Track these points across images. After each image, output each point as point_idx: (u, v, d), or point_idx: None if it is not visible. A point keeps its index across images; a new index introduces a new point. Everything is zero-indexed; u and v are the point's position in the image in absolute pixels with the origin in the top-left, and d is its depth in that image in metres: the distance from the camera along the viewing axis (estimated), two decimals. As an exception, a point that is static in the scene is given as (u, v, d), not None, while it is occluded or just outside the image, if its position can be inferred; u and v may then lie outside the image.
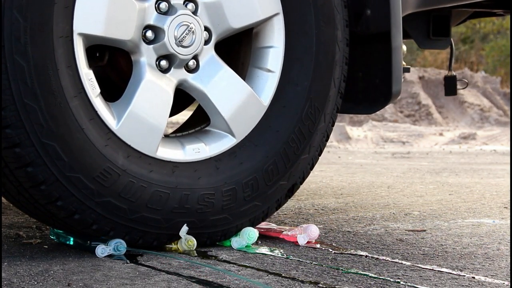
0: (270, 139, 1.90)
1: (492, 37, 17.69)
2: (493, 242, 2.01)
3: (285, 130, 1.90)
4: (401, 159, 6.22)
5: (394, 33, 2.00)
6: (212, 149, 1.86)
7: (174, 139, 1.88)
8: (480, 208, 2.74)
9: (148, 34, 1.76)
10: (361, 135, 9.83)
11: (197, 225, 1.81)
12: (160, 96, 1.79)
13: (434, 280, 1.54)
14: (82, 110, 1.67)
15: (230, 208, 1.84)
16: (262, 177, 1.88)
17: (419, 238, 2.07)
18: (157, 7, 1.77)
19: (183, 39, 1.78)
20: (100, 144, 1.69)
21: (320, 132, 1.95)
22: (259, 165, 1.88)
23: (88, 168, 1.67)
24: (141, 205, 1.74)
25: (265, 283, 1.49)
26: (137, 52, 1.77)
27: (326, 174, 4.35)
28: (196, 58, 1.84)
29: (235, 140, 1.88)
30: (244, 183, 1.86)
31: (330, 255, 1.80)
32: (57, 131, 1.63)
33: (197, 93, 1.87)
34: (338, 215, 2.50)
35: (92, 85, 1.70)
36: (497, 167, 5.13)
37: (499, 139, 9.58)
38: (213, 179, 1.83)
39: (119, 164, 1.71)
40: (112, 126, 1.72)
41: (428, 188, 3.47)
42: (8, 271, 1.57)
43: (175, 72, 1.81)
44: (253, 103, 1.90)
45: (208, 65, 1.86)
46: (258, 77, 1.93)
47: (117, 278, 1.52)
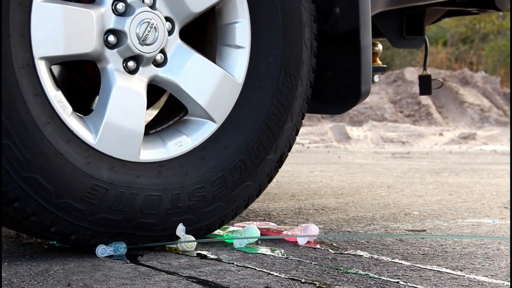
0: (251, 116, 1.87)
1: (492, 37, 17.68)
2: (493, 242, 2.01)
3: (264, 104, 1.88)
4: (401, 159, 6.22)
5: (363, 32, 1.97)
6: (194, 139, 1.84)
7: (154, 137, 1.85)
8: (480, 208, 2.73)
9: (110, 38, 1.72)
10: (361, 135, 9.83)
11: (193, 221, 1.81)
12: (133, 99, 1.75)
13: (434, 280, 1.54)
14: (58, 134, 1.64)
15: (222, 196, 1.84)
16: (249, 156, 1.86)
17: (419, 238, 2.06)
18: (114, 10, 1.72)
19: (146, 37, 1.74)
20: (82, 164, 1.67)
21: (299, 98, 1.92)
22: (244, 145, 1.86)
23: (74, 191, 1.66)
24: (136, 212, 1.74)
25: (265, 283, 1.49)
26: (103, 59, 1.73)
27: (326, 174, 4.35)
28: (163, 52, 1.80)
29: (216, 125, 1.86)
30: (232, 168, 1.84)
31: (330, 255, 1.80)
32: (37, 162, 1.60)
33: (170, 86, 1.84)
34: (338, 215, 2.50)
35: (63, 106, 1.67)
36: (497, 167, 5.12)
37: (499, 139, 9.58)
38: (200, 171, 1.82)
39: (105, 178, 1.69)
40: (90, 141, 1.69)
41: (428, 188, 3.46)
42: (8, 271, 1.57)
43: (144, 70, 1.78)
44: (228, 83, 1.86)
45: (176, 55, 1.82)
46: (229, 55, 1.89)
47: (117, 278, 1.52)
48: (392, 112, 11.81)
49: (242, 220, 2.37)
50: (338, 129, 10.00)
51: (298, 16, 1.89)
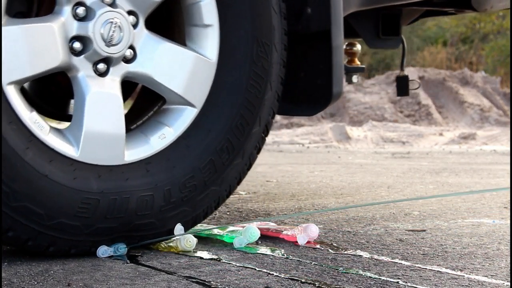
0: (230, 94, 1.84)
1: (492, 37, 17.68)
2: (493, 242, 2.01)
3: (241, 79, 1.84)
4: (401, 159, 6.22)
5: (335, 32, 1.94)
6: (176, 128, 1.81)
7: (136, 134, 1.81)
8: (480, 208, 2.73)
9: (76, 46, 1.68)
10: (361, 135, 9.83)
11: (189, 211, 1.81)
12: (109, 102, 1.72)
13: (434, 280, 1.54)
14: (39, 157, 1.61)
15: (213, 180, 1.83)
16: (234, 134, 1.84)
17: (419, 238, 2.07)
18: (75, 16, 1.67)
19: (112, 38, 1.70)
20: (69, 180, 1.65)
21: (275, 64, 1.89)
22: (228, 124, 1.83)
23: (66, 209, 1.64)
24: (131, 216, 1.73)
25: (265, 283, 1.49)
26: (72, 68, 1.69)
27: (326, 174, 4.35)
28: (132, 47, 1.75)
29: (196, 110, 1.82)
30: (219, 150, 1.82)
31: (330, 255, 1.80)
32: (23, 190, 1.59)
33: (143, 79, 1.80)
34: (338, 215, 2.50)
35: (40, 127, 1.63)
36: (497, 167, 5.12)
37: (499, 139, 9.58)
38: (187, 161, 1.80)
39: (94, 190, 1.68)
40: (73, 155, 1.67)
41: (428, 188, 3.46)
42: (8, 271, 1.57)
43: (115, 70, 1.74)
44: (202, 65, 1.82)
45: (145, 48, 1.78)
46: (198, 35, 1.84)
47: (117, 278, 1.52)
48: (392, 112, 11.81)
49: (242, 220, 2.37)
50: (338, 129, 10.00)
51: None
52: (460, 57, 17.41)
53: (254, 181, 3.84)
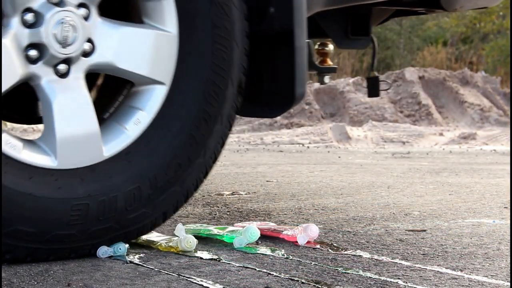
0: (197, 63, 1.79)
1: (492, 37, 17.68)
2: (493, 242, 2.01)
3: (205, 46, 1.78)
4: (401, 159, 6.22)
5: (297, 32, 1.89)
6: (149, 110, 1.76)
7: (111, 124, 1.76)
8: (480, 208, 2.73)
9: (32, 53, 1.62)
10: (361, 135, 9.83)
11: (178, 190, 1.79)
12: (77, 102, 1.67)
13: (434, 280, 1.54)
14: (18, 177, 1.59)
15: (197, 153, 1.79)
16: (209, 103, 1.79)
17: (419, 238, 2.06)
18: (24, 23, 1.61)
19: (66, 38, 1.64)
20: (53, 191, 1.62)
21: (237, 21, 1.82)
22: (200, 95, 1.78)
23: (58, 221, 1.63)
24: (123, 212, 1.72)
25: (265, 283, 1.48)
26: (33, 77, 1.64)
27: (326, 174, 4.35)
28: (89, 40, 1.69)
29: (165, 87, 1.77)
30: (197, 123, 1.78)
31: (330, 255, 1.80)
32: (10, 215, 1.57)
33: (107, 69, 1.74)
34: (338, 215, 2.50)
35: (12, 147, 1.60)
36: (497, 167, 5.13)
37: (499, 139, 9.58)
38: (167, 141, 1.76)
39: (81, 195, 1.65)
40: (52, 165, 1.64)
41: (428, 188, 3.46)
42: (8, 271, 1.57)
43: (76, 68, 1.68)
44: (163, 40, 1.76)
45: (103, 37, 1.71)
46: (153, 9, 1.77)
47: (117, 278, 1.52)
48: (392, 112, 11.81)
49: (242, 220, 2.37)
50: (338, 129, 10.00)
51: None
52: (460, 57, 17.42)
53: (254, 181, 3.84)
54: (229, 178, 3.99)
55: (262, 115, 2.12)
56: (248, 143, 9.29)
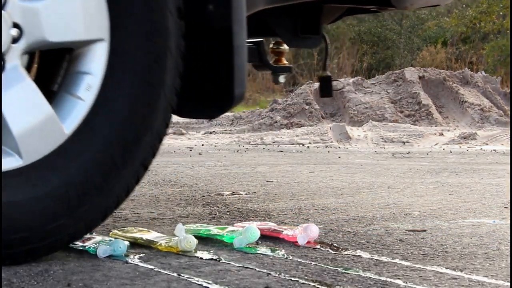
0: (131, 7, 1.66)
1: (492, 37, 17.69)
2: (493, 242, 2.01)
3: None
4: (401, 159, 6.22)
5: (236, 31, 1.83)
6: (97, 70, 1.65)
7: (62, 97, 1.66)
8: (480, 208, 2.73)
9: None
10: (361, 135, 9.83)
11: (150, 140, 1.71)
12: (23, 93, 1.58)
13: (434, 280, 1.54)
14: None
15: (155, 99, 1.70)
16: (153, 43, 1.68)
17: (419, 238, 2.06)
18: None
19: None
20: (30, 190, 1.58)
21: None
22: (145, 39, 1.67)
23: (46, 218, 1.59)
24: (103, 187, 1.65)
25: (265, 283, 1.48)
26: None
27: (326, 174, 4.35)
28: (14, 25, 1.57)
29: (105, 42, 1.65)
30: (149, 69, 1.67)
31: (330, 255, 1.80)
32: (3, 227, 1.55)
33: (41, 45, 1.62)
34: (338, 215, 2.50)
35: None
36: (497, 167, 5.13)
37: (499, 139, 9.58)
38: (125, 95, 1.66)
39: (57, 184, 1.60)
40: (19, 164, 1.58)
41: (428, 188, 3.46)
42: (8, 271, 1.57)
43: (11, 58, 1.58)
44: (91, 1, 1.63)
45: (26, 16, 1.58)
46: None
47: (117, 278, 1.52)
48: (392, 112, 11.81)
49: (242, 220, 2.37)
50: (338, 129, 10.01)
51: None
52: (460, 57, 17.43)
53: (254, 181, 3.84)
54: (229, 178, 3.99)
55: (202, 115, 2.08)
56: (248, 143, 9.30)
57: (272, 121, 11.35)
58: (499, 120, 11.69)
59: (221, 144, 9.15)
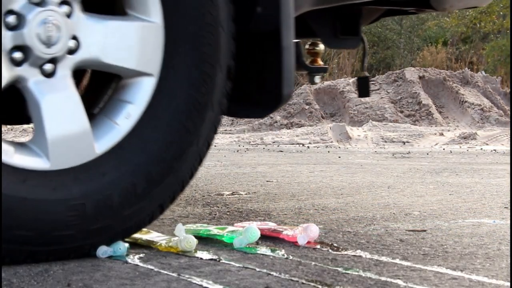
0: (184, 52, 1.75)
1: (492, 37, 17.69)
2: (493, 242, 2.01)
3: (192, 34, 1.76)
4: (401, 159, 6.22)
5: (284, 32, 1.87)
6: (139, 103, 1.73)
7: (101, 120, 1.73)
8: (480, 208, 2.73)
9: (17, 56, 1.60)
10: (361, 135, 9.83)
11: (174, 180, 1.77)
12: (65, 102, 1.65)
13: (434, 280, 1.54)
14: (12, 182, 1.57)
15: (190, 141, 1.76)
16: (199, 91, 1.76)
17: (419, 238, 2.06)
18: (7, 26, 1.58)
19: (50, 38, 1.61)
20: (48, 193, 1.61)
21: (223, 5, 1.79)
22: (191, 83, 1.75)
23: (55, 223, 1.62)
24: (119, 210, 1.70)
25: (265, 283, 1.48)
26: (19, 80, 1.62)
27: (326, 174, 4.35)
28: (74, 37, 1.66)
29: (154, 78, 1.74)
30: (187, 110, 1.75)
31: (330, 255, 1.80)
32: (7, 221, 1.56)
33: (93, 65, 1.72)
34: (338, 215, 2.50)
35: (4, 152, 1.58)
36: (498, 167, 5.12)
37: (499, 139, 9.58)
38: (159, 131, 1.73)
39: (76, 194, 1.64)
40: (45, 167, 1.62)
41: (428, 188, 3.46)
42: (8, 271, 1.57)
43: (62, 66, 1.65)
44: (148, 31, 1.73)
45: (87, 33, 1.67)
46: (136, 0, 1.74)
47: (117, 278, 1.52)
48: (392, 112, 11.81)
49: (242, 220, 2.37)
50: (338, 129, 10.00)
51: None
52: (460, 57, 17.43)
53: (254, 181, 3.84)
54: (229, 178, 3.99)
55: (249, 115, 2.11)
56: (248, 143, 9.30)
57: (272, 121, 11.35)
58: (499, 120, 11.69)
59: (221, 144, 9.16)
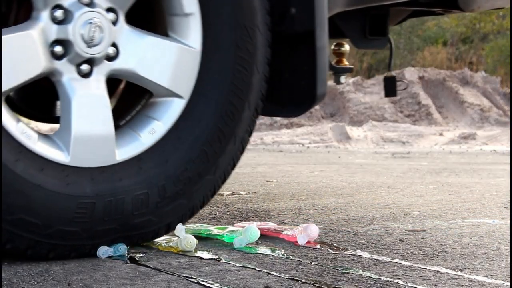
0: (216, 82, 1.81)
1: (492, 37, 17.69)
2: (493, 242, 2.01)
3: (226, 65, 1.82)
4: (401, 159, 6.22)
5: (319, 33, 1.92)
6: (166, 121, 1.79)
7: (126, 131, 1.79)
8: (480, 208, 2.73)
9: (57, 49, 1.65)
10: (361, 135, 9.83)
11: (185, 203, 1.80)
12: (96, 103, 1.70)
13: (434, 280, 1.54)
14: (30, 167, 1.60)
15: (207, 169, 1.81)
16: (224, 122, 1.82)
17: (419, 238, 2.07)
18: (53, 20, 1.64)
19: (93, 39, 1.67)
20: (62, 186, 1.63)
21: (261, 46, 1.86)
22: (217, 112, 1.81)
23: (63, 216, 1.63)
24: (128, 216, 1.72)
25: (265, 283, 1.49)
26: (55, 73, 1.67)
27: (326, 174, 4.35)
28: (114, 44, 1.73)
29: (184, 101, 1.80)
30: (210, 140, 1.80)
31: (330, 255, 1.80)
32: (17, 203, 1.58)
33: (128, 75, 1.78)
34: (338, 215, 2.50)
35: (28, 136, 1.61)
36: (497, 167, 5.13)
37: (499, 139, 9.58)
38: (180, 153, 1.78)
39: (88, 193, 1.66)
40: (64, 161, 1.65)
41: (428, 188, 3.46)
42: (8, 271, 1.57)
43: (99, 70, 1.71)
44: (186, 55, 1.79)
45: (128, 44, 1.74)
46: (179, 24, 1.80)
47: (117, 278, 1.52)
48: (392, 112, 11.81)
49: (242, 220, 2.37)
50: (338, 129, 10.00)
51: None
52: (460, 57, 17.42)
53: (254, 181, 3.84)
54: (229, 178, 3.99)
55: (284, 114, 2.14)
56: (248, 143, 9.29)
57: (272, 121, 11.36)
58: (499, 120, 11.69)
59: (221, 144, 9.13)
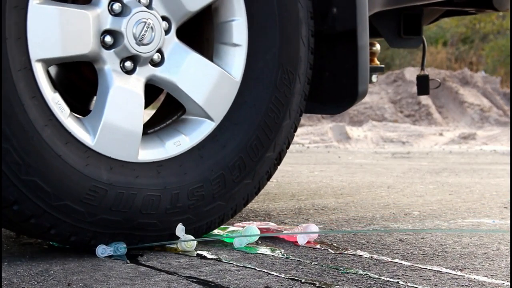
0: (249, 114, 1.87)
1: (492, 37, 17.68)
2: (493, 242, 2.01)
3: (262, 102, 1.88)
4: (401, 159, 6.22)
5: (360, 32, 1.97)
6: (192, 138, 1.84)
7: (152, 137, 1.85)
8: (480, 208, 2.73)
9: (107, 39, 1.71)
10: (361, 135, 9.83)
11: (193, 220, 1.81)
12: (131, 100, 1.75)
13: (434, 280, 1.54)
14: (56, 137, 1.64)
15: (221, 194, 1.84)
16: (248, 154, 1.87)
17: (419, 238, 2.07)
18: (110, 10, 1.72)
19: (143, 37, 1.74)
20: (81, 165, 1.67)
21: (297, 95, 1.92)
22: (243, 143, 1.86)
23: (74, 193, 1.65)
24: (135, 213, 1.74)
25: (265, 283, 1.49)
26: (100, 60, 1.72)
27: (326, 174, 4.35)
28: (160, 51, 1.80)
29: (214, 124, 1.86)
30: (230, 166, 1.85)
31: (330, 255, 1.80)
32: (35, 165, 1.60)
33: (167, 85, 1.84)
34: (338, 215, 2.50)
35: (60, 108, 1.66)
36: (497, 167, 5.13)
37: (499, 139, 9.58)
38: (199, 170, 1.82)
39: (104, 180, 1.69)
40: (89, 143, 1.69)
41: (428, 188, 3.46)
42: (8, 271, 1.57)
43: (141, 70, 1.78)
44: (225, 81, 1.86)
45: (174, 55, 1.82)
46: (226, 53, 1.89)
47: (117, 278, 1.52)
48: (392, 112, 11.81)
49: (242, 220, 2.37)
50: (338, 129, 10.00)
51: (295, 12, 1.90)
52: (460, 57, 17.42)
53: (254, 181, 3.83)
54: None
55: (325, 111, 2.17)
56: (248, 143, 9.28)
57: (272, 121, 11.35)
58: (499, 120, 11.69)
59: (221, 144, 9.14)
